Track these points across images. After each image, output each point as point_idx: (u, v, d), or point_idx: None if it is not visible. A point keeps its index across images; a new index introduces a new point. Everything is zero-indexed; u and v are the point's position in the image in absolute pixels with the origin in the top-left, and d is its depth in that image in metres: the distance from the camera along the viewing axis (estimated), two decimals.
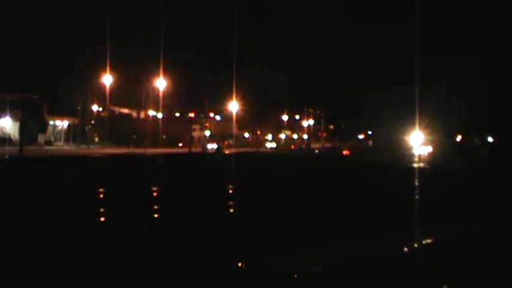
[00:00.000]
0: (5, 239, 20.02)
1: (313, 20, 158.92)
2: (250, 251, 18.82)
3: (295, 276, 14.92)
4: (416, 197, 37.54)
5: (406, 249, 18.12)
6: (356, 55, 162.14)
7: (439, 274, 15.43)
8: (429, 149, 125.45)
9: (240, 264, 16.17)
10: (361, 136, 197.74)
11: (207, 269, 15.53)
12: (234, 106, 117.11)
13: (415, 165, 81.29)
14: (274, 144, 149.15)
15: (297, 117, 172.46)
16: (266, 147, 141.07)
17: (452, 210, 27.90)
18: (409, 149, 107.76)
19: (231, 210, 31.30)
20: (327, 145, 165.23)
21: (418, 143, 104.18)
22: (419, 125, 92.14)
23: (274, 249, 19.26)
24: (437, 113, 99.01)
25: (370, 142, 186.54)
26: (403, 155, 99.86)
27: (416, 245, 18.57)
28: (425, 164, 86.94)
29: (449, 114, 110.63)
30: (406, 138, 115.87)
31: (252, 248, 19.39)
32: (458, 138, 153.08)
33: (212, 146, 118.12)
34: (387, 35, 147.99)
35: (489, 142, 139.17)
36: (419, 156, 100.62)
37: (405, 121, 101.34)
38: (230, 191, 38.72)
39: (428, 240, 19.12)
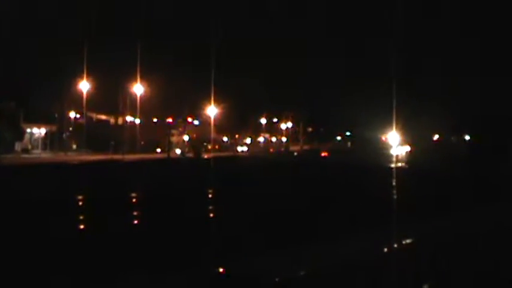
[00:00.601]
0: None
1: (290, 20, 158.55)
2: (231, 255, 18.79)
3: (277, 280, 14.91)
4: (394, 197, 37.70)
5: (384, 249, 18.22)
6: (333, 54, 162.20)
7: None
8: (407, 148, 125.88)
9: (221, 270, 16.13)
10: (339, 137, 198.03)
11: (186, 275, 15.48)
12: (212, 110, 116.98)
13: (393, 165, 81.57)
14: (245, 148, 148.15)
15: (275, 120, 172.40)
16: (237, 151, 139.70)
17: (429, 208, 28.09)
18: (387, 148, 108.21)
19: (210, 215, 31.22)
20: (306, 147, 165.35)
21: (396, 142, 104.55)
22: (396, 125, 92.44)
23: (255, 254, 19.21)
24: (414, 112, 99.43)
25: (349, 143, 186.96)
26: (381, 154, 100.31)
27: (393, 245, 18.66)
28: (404, 164, 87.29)
29: (426, 113, 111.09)
30: (384, 138, 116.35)
31: (233, 252, 19.36)
32: (436, 137, 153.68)
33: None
34: (365, 32, 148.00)
35: (466, 140, 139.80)
36: (397, 156, 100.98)
37: (383, 121, 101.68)
38: (209, 197, 38.64)
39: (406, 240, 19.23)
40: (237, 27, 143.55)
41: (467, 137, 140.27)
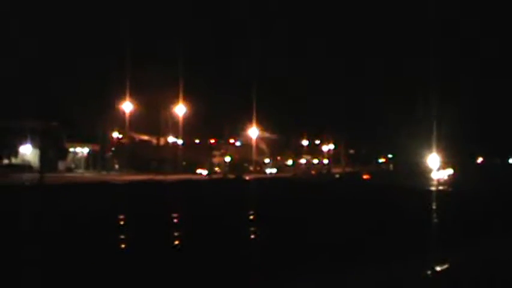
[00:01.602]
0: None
1: (332, 44, 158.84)
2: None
3: None
4: (435, 220, 37.22)
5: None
6: (375, 78, 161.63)
7: None
8: (449, 171, 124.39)
9: None
10: (381, 160, 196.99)
11: None
12: (254, 132, 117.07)
13: (434, 188, 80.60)
14: (274, 170, 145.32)
15: (317, 142, 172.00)
16: (265, 173, 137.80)
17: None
18: (429, 172, 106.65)
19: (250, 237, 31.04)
20: (348, 169, 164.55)
21: (436, 165, 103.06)
22: (437, 148, 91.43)
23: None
24: (456, 134, 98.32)
25: (391, 166, 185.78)
26: (423, 178, 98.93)
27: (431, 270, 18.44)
28: (446, 187, 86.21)
29: (469, 135, 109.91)
30: (425, 161, 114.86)
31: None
32: (479, 159, 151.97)
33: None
34: (405, 52, 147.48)
35: (510, 163, 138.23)
36: (438, 179, 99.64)
37: (425, 144, 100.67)
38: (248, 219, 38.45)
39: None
40: (277, 48, 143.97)
41: (511, 160, 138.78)
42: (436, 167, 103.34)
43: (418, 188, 76.65)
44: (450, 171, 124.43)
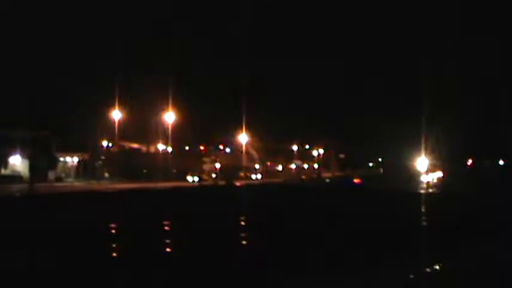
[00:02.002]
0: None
1: (321, 47, 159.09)
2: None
3: None
4: (424, 223, 37.29)
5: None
6: (362, 83, 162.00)
7: None
8: (439, 174, 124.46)
9: None
10: (371, 164, 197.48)
11: None
12: (243, 138, 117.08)
13: (423, 191, 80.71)
14: (259, 176, 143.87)
15: (307, 146, 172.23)
16: (252, 179, 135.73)
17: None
18: (418, 175, 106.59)
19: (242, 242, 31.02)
20: (338, 173, 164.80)
21: (425, 168, 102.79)
22: (426, 150, 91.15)
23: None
24: (445, 137, 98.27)
25: (381, 169, 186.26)
26: (413, 181, 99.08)
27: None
28: (435, 190, 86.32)
29: (457, 138, 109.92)
30: (414, 164, 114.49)
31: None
32: (469, 162, 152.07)
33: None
34: (397, 61, 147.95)
35: (500, 165, 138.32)
36: (428, 182, 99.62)
37: (414, 147, 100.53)
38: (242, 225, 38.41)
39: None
40: (268, 55, 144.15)
41: (501, 162, 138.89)
42: (425, 170, 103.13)
43: (408, 191, 76.86)
44: (439, 173, 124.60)
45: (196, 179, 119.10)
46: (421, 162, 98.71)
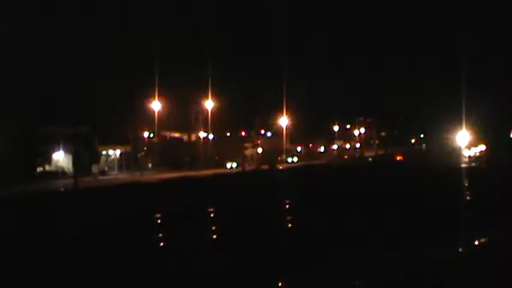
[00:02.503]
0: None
1: (358, 27, 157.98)
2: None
3: None
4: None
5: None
6: (404, 58, 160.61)
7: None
8: (481, 148, 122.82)
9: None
10: (413, 140, 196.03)
11: None
12: (284, 121, 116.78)
13: (465, 166, 79.61)
14: (295, 158, 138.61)
15: (348, 126, 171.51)
16: (287, 162, 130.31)
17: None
18: (459, 150, 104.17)
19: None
20: (380, 152, 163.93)
21: (466, 143, 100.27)
22: (466, 125, 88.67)
23: None
24: (486, 109, 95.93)
25: (423, 146, 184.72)
26: (455, 156, 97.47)
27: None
28: (478, 164, 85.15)
29: (499, 109, 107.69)
30: (455, 139, 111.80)
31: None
32: None
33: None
34: (429, 37, 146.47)
35: None
36: (469, 156, 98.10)
37: (455, 122, 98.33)
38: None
39: None
40: (307, 35, 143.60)
41: None
42: (466, 145, 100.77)
43: (449, 167, 76.06)
44: (482, 147, 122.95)
45: (234, 165, 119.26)
46: (462, 136, 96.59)
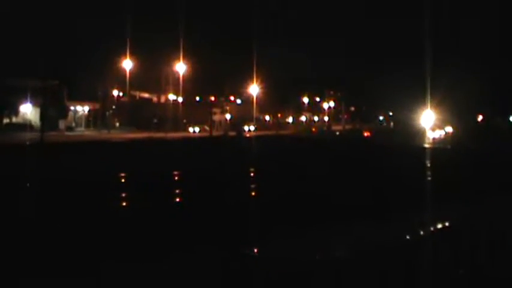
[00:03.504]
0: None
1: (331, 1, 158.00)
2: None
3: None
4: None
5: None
6: (373, 36, 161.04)
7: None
8: (447, 129, 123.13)
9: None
10: (381, 117, 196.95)
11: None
12: (254, 89, 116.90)
13: (428, 146, 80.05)
14: (252, 127, 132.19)
15: (318, 99, 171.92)
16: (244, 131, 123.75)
17: None
18: (423, 131, 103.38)
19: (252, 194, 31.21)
20: (348, 127, 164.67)
21: (430, 124, 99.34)
22: (431, 105, 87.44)
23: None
24: (453, 90, 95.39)
25: (391, 124, 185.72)
26: (418, 137, 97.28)
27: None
28: (442, 145, 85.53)
29: (467, 91, 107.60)
30: (419, 120, 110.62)
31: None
32: (479, 118, 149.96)
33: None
34: (402, 14, 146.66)
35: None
36: (434, 138, 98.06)
37: (421, 102, 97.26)
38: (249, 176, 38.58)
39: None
40: (279, 5, 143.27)
41: None
42: (429, 126, 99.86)
43: (412, 146, 76.60)
44: (448, 129, 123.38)
45: (197, 129, 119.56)
46: (426, 118, 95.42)
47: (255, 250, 16.59)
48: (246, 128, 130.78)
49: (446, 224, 20.36)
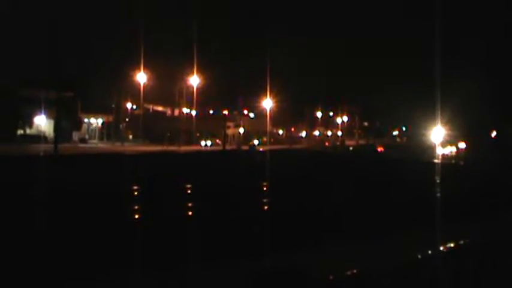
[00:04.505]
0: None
1: (347, 19, 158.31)
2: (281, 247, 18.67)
3: (331, 278, 14.59)
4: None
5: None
6: (389, 53, 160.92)
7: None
8: (461, 145, 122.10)
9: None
10: (395, 132, 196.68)
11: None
12: (268, 103, 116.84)
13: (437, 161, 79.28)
14: (256, 141, 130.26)
15: (331, 113, 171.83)
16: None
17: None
18: (433, 146, 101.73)
19: (264, 208, 31.07)
20: (361, 142, 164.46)
21: (440, 140, 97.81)
22: (442, 121, 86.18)
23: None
24: (465, 106, 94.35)
25: (405, 139, 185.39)
26: (427, 153, 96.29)
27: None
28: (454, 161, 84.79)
29: (479, 107, 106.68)
30: (430, 135, 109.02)
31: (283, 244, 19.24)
32: (493, 133, 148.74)
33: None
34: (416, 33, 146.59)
35: None
36: (443, 154, 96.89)
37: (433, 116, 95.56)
38: (263, 190, 38.42)
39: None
40: (296, 22, 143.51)
41: None
42: (439, 142, 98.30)
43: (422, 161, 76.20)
44: (462, 145, 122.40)
45: (209, 143, 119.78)
46: (436, 133, 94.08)
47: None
48: (255, 142, 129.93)
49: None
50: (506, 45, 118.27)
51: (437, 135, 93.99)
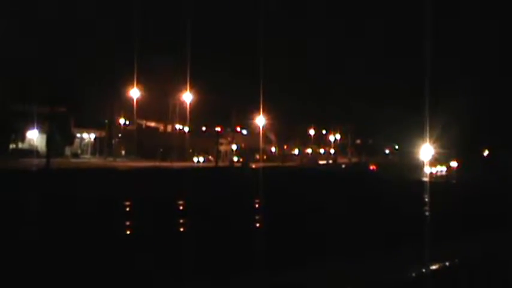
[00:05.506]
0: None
1: (338, 36, 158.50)
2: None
3: None
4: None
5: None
6: (379, 71, 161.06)
7: None
8: (452, 164, 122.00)
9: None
10: (387, 151, 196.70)
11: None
12: (261, 120, 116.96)
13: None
14: (235, 158, 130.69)
15: (324, 131, 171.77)
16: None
17: None
18: (422, 165, 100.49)
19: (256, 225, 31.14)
20: (354, 160, 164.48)
21: (428, 158, 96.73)
22: (430, 139, 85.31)
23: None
24: (455, 124, 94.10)
25: (396, 157, 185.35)
26: (415, 172, 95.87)
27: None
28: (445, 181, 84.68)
29: (470, 126, 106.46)
30: (418, 154, 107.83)
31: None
32: (485, 152, 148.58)
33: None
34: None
35: None
36: (431, 173, 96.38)
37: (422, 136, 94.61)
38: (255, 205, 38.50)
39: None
40: (288, 38, 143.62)
41: None
42: (428, 160, 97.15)
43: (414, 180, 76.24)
44: (453, 163, 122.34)
45: (201, 159, 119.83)
46: (425, 152, 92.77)
47: None
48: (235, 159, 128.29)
49: None
50: (498, 63, 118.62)
51: (426, 154, 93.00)
